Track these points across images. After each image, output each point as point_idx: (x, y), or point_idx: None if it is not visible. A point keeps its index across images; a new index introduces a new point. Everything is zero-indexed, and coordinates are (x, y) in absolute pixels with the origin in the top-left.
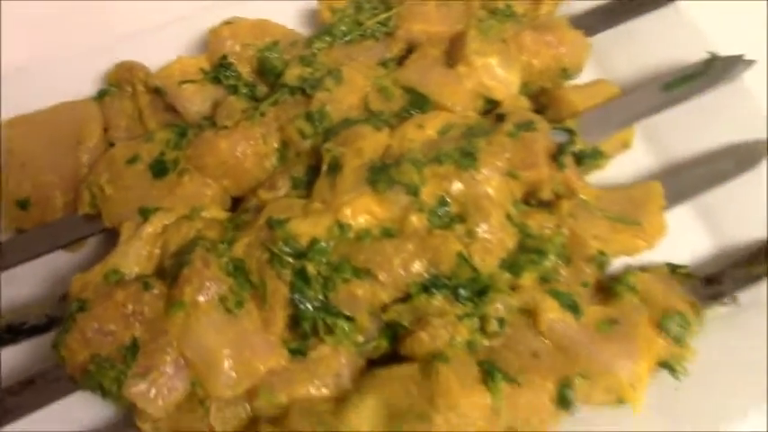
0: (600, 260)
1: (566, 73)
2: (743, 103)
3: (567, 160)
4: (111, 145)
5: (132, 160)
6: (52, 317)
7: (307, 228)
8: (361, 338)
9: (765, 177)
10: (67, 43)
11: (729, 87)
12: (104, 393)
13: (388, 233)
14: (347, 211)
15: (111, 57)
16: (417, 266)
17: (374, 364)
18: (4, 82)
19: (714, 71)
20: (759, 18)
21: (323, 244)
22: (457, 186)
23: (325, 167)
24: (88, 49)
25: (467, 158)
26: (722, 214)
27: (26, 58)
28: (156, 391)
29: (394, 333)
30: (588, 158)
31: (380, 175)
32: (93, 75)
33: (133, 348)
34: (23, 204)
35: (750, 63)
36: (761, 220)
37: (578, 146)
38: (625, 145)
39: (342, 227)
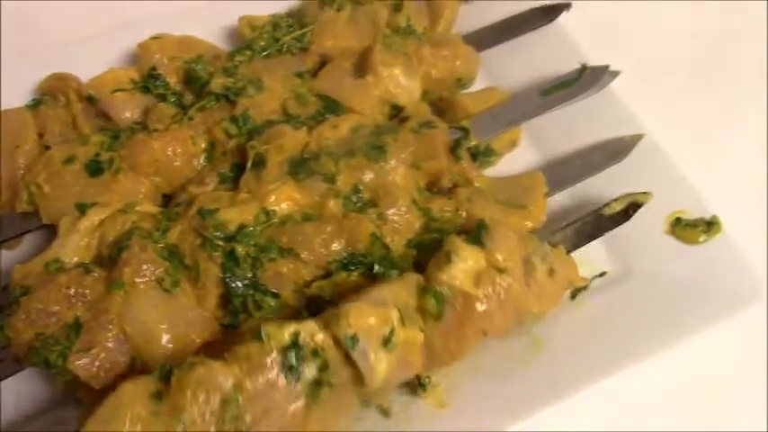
0: None
1: (460, 82)
2: (610, 107)
3: (463, 153)
4: (47, 149)
5: (69, 160)
6: None
7: (235, 215)
8: (286, 314)
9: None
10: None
11: (600, 94)
12: (50, 367)
13: (308, 217)
14: (271, 198)
15: (41, 67)
16: (336, 246)
17: None
18: None
19: (585, 79)
20: (626, 32)
21: (250, 228)
22: (368, 176)
23: (250, 163)
24: (19, 56)
25: (377, 151)
26: (591, 198)
27: None
28: (99, 364)
29: (318, 308)
30: (481, 155)
31: (301, 166)
32: (24, 85)
33: (76, 326)
34: None
35: (616, 73)
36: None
37: (472, 142)
38: (513, 144)
39: (267, 213)
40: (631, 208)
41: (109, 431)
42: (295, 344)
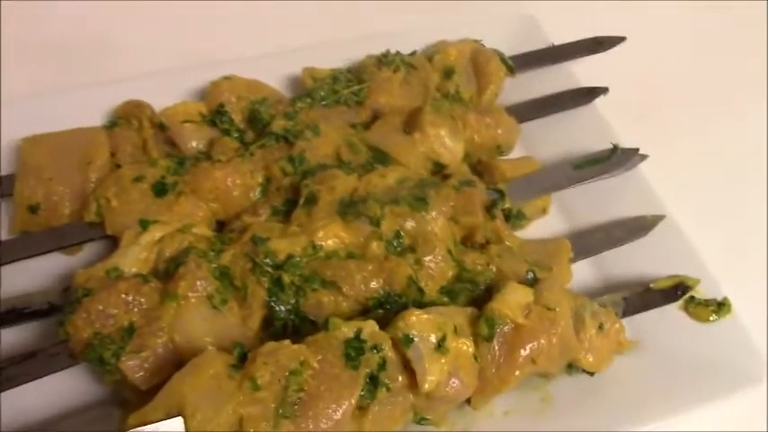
0: None
1: (499, 149)
2: (636, 187)
3: (498, 213)
4: (117, 167)
5: (137, 179)
6: (53, 304)
7: (284, 246)
8: None
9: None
10: (85, 77)
11: (627, 174)
12: (103, 364)
13: (352, 255)
14: (320, 234)
15: (121, 94)
16: (374, 284)
17: None
18: (25, 104)
19: (616, 158)
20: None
21: (297, 259)
22: (410, 223)
23: (302, 200)
24: (99, 84)
25: (419, 202)
26: (613, 269)
27: (46, 84)
28: (147, 366)
29: None
30: (514, 218)
31: (349, 208)
32: (104, 108)
33: (130, 330)
34: (34, 209)
35: (644, 157)
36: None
37: (506, 204)
38: (543, 210)
39: (314, 246)
40: (680, 288)
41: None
42: (357, 337)
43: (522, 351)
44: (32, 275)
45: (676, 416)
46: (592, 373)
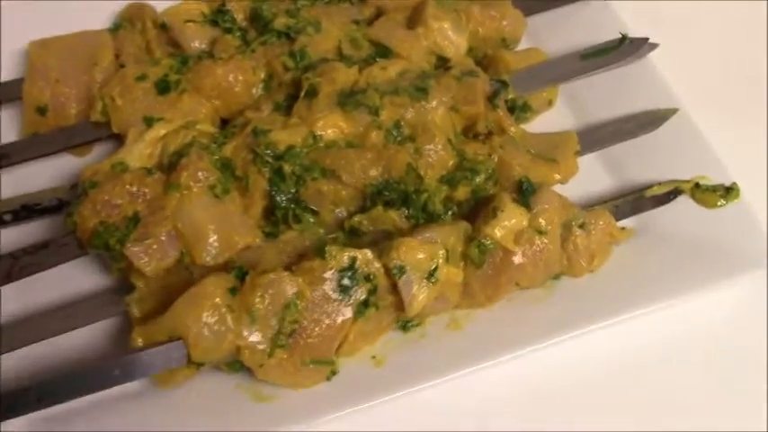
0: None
1: (505, 42)
2: (646, 77)
3: (500, 103)
4: (122, 67)
5: (141, 78)
6: (63, 200)
7: (285, 137)
8: (322, 231)
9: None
10: None
11: (637, 64)
12: (108, 250)
13: (351, 145)
14: (319, 124)
15: None
16: (374, 172)
17: None
18: (32, 7)
19: (625, 48)
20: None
21: (297, 149)
22: (410, 113)
23: (303, 92)
24: None
25: (419, 92)
26: (624, 165)
27: None
28: (152, 253)
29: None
30: (518, 110)
31: (349, 99)
32: (108, 11)
33: (135, 219)
34: (42, 111)
35: (654, 46)
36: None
37: (510, 95)
38: (549, 103)
39: (314, 137)
40: (673, 193)
41: (190, 314)
42: (351, 266)
43: (508, 277)
44: (44, 175)
45: (681, 297)
46: None
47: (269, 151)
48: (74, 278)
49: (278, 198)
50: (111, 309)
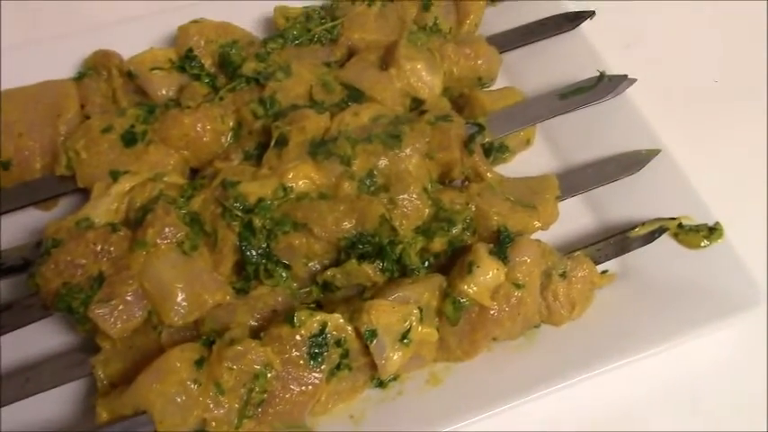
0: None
1: (480, 81)
2: (625, 114)
3: (476, 148)
4: (87, 118)
5: (106, 130)
6: (27, 259)
7: (255, 188)
8: (295, 285)
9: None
10: (49, 29)
11: (616, 100)
12: (72, 313)
13: (323, 196)
14: (290, 175)
15: (88, 44)
16: (347, 224)
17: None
18: None
19: (603, 85)
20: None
21: (268, 202)
22: (383, 162)
23: (273, 142)
24: (67, 35)
25: (393, 139)
26: (605, 205)
27: (13, 39)
28: (117, 314)
29: (325, 285)
30: (495, 151)
31: (320, 148)
32: (71, 59)
33: (100, 279)
34: (5, 165)
35: (632, 81)
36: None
37: (487, 138)
38: (527, 142)
39: (285, 189)
40: (658, 231)
41: (156, 390)
42: (321, 332)
43: (485, 333)
44: (8, 232)
45: (667, 343)
46: None
47: (238, 204)
48: (38, 338)
49: (248, 253)
50: (76, 371)
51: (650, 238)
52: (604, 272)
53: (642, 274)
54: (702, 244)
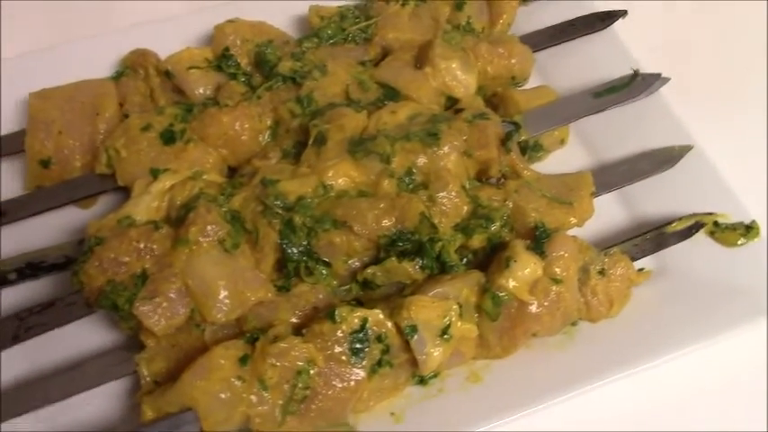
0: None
1: (514, 80)
2: (659, 113)
3: (513, 146)
4: (125, 117)
5: (145, 128)
6: (69, 257)
7: (295, 187)
8: (335, 283)
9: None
10: (89, 29)
11: (649, 99)
12: (117, 310)
13: (363, 194)
14: (330, 174)
15: (126, 43)
16: (386, 222)
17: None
18: (32, 59)
19: (636, 84)
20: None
21: (308, 200)
22: (422, 160)
23: (311, 140)
24: (104, 34)
25: (431, 138)
26: (639, 202)
27: (51, 40)
28: (161, 312)
29: (365, 283)
30: (531, 150)
31: (359, 146)
32: (110, 58)
33: (143, 277)
34: (45, 163)
35: (666, 80)
36: (670, 208)
37: (523, 136)
38: (562, 141)
39: (325, 187)
40: (694, 227)
41: (200, 387)
42: (362, 328)
43: (524, 329)
44: (48, 229)
45: (705, 341)
46: None
47: (279, 202)
48: (82, 336)
49: (289, 251)
50: (120, 369)
51: (687, 233)
52: (641, 269)
53: (678, 272)
54: (739, 242)
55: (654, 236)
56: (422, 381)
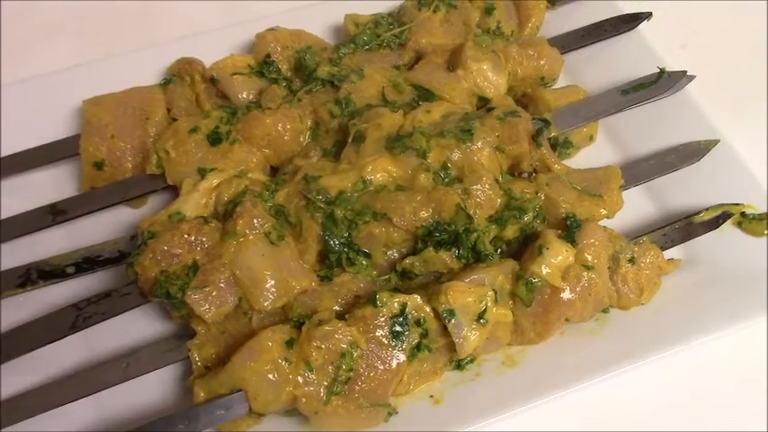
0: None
1: (543, 81)
2: (685, 109)
3: (544, 141)
4: (173, 120)
5: (193, 130)
6: (123, 252)
7: (336, 182)
8: (375, 273)
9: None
10: (138, 40)
11: (676, 96)
12: (170, 299)
13: (401, 188)
14: (368, 169)
15: (171, 52)
16: (424, 213)
17: None
18: (86, 69)
19: (663, 82)
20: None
21: (348, 194)
22: (456, 154)
23: (351, 138)
24: (152, 45)
25: (465, 134)
26: (667, 195)
27: (104, 51)
28: (211, 300)
29: (404, 273)
30: (560, 146)
31: (396, 142)
32: (156, 67)
33: (194, 268)
34: (99, 165)
35: (691, 78)
36: (697, 200)
37: (552, 133)
38: (590, 138)
39: (364, 181)
40: (722, 217)
41: (250, 368)
42: (402, 312)
43: (558, 314)
44: (103, 228)
45: (731, 327)
46: None
47: (320, 197)
48: (136, 325)
49: (331, 242)
50: (173, 355)
51: (715, 223)
52: (670, 259)
53: (707, 262)
54: (766, 232)
55: (682, 226)
56: (459, 366)
